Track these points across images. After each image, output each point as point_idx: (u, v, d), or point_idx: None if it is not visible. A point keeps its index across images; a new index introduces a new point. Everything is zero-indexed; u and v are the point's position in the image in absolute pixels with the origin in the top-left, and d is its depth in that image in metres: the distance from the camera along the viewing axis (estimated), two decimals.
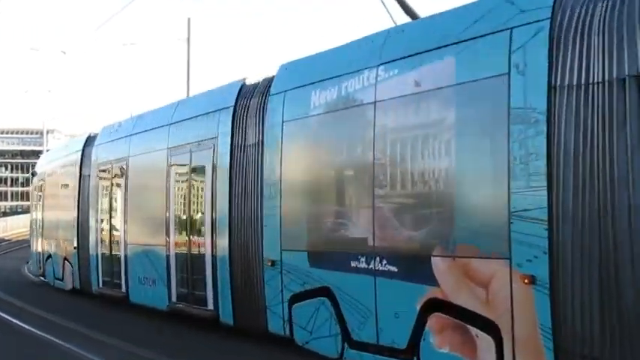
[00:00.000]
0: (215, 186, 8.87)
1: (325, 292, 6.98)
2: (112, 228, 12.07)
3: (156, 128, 10.69)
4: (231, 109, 8.72)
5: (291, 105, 7.66)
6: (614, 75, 4.53)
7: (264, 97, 8.24)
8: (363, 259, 6.52)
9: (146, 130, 11.01)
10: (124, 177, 11.59)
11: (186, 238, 9.58)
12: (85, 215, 13.36)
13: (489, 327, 5.27)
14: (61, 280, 15.07)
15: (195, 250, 9.44)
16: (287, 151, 7.65)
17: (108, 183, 12.36)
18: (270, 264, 7.78)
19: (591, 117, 4.63)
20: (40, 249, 17.46)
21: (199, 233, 9.35)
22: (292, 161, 7.62)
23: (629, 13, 4.51)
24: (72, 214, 14.05)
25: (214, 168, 8.90)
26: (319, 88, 7.22)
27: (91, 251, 12.84)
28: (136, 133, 11.37)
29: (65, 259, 14.69)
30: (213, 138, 9.00)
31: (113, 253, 11.94)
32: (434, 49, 5.95)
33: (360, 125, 6.73)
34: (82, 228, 13.49)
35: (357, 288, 6.60)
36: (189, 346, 8.93)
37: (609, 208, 4.51)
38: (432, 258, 5.79)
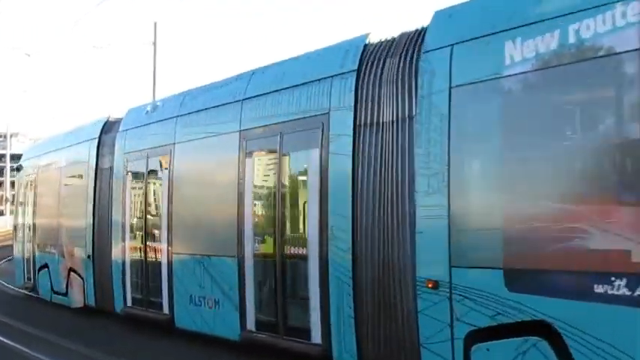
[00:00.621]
0: (325, 178, 6.61)
1: (541, 328, 4.80)
2: (147, 233, 9.63)
3: (219, 106, 8.31)
4: (352, 75, 6.49)
5: (467, 63, 5.48)
6: None
7: (410, 57, 6.06)
8: (621, 283, 4.38)
9: (204, 109, 8.61)
10: (166, 169, 9.18)
11: (274, 246, 7.26)
12: (104, 217, 10.86)
13: None
14: (64, 294, 12.48)
15: (288, 264, 7.15)
16: (461, 128, 5.46)
17: (141, 177, 9.92)
18: (430, 286, 5.57)
19: None
20: (28, 257, 14.74)
21: (296, 241, 7.05)
22: (473, 141, 5.44)
23: None
24: (83, 216, 11.51)
25: (324, 154, 6.64)
26: (522, 36, 5.06)
27: (115, 261, 10.35)
28: (187, 114, 8.96)
29: (71, 269, 12.12)
30: (320, 114, 6.74)
31: (149, 264, 9.52)
32: None
33: (619, 81, 4.59)
34: (99, 233, 10.98)
35: (610, 325, 4.46)
36: None
37: None
38: None
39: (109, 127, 11.34)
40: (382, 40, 6.53)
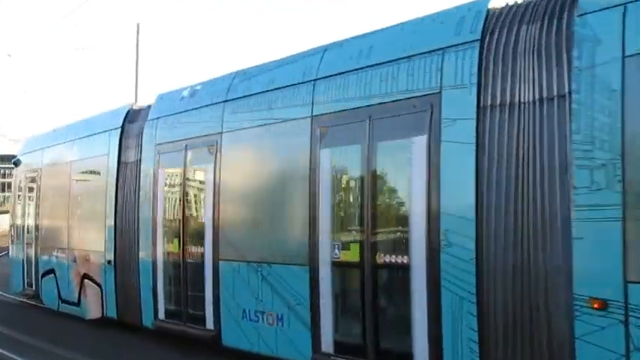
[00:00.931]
0: (435, 171, 5.45)
1: None
2: (186, 236, 8.37)
3: (283, 88, 7.09)
4: (474, 45, 5.33)
5: None
6: None
7: (557, 21, 4.92)
8: None
9: (261, 92, 7.38)
10: (211, 163, 7.93)
11: (361, 253, 6.06)
12: (128, 217, 9.58)
13: None
14: (76, 304, 11.16)
15: (380, 274, 5.96)
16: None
17: (177, 172, 8.65)
18: (595, 306, 4.45)
19: None
20: (30, 261, 13.34)
21: (393, 247, 5.86)
22: None
23: None
24: (102, 216, 10.23)
25: (433, 142, 5.48)
26: None
27: (143, 268, 9.08)
28: (238, 98, 7.73)
29: (85, 276, 10.82)
30: (428, 95, 5.58)
31: (189, 271, 8.26)
32: None
33: None
34: (122, 235, 9.69)
35: None
36: None
37: None
38: None
39: (133, 116, 10.08)
40: (511, 4, 5.39)
